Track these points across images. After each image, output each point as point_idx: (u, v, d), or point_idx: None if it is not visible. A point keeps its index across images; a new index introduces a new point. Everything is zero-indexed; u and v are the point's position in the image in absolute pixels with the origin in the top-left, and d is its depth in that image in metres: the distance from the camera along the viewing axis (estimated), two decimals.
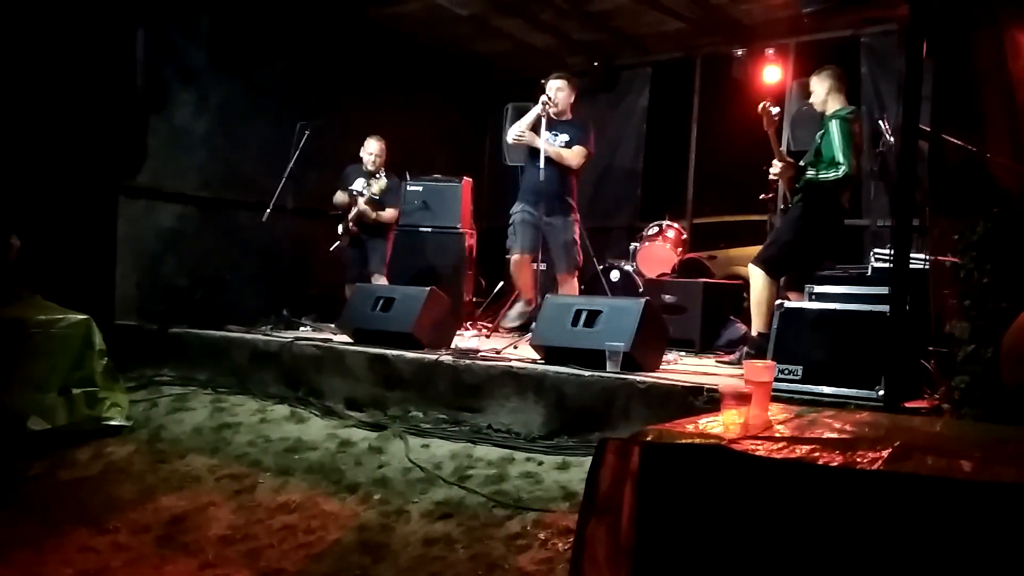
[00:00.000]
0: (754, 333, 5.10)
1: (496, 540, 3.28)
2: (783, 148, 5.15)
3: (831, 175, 4.89)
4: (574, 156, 5.87)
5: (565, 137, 5.91)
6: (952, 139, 3.59)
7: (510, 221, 6.14)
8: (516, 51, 8.67)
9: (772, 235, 5.20)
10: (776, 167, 5.19)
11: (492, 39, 8.45)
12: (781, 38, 7.54)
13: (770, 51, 7.36)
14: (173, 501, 4.02)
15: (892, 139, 5.21)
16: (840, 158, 4.87)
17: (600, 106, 8.97)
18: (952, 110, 3.61)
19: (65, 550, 3.62)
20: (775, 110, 5.13)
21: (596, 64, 8.73)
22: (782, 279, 5.19)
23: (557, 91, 5.93)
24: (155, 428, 4.95)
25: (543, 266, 6.14)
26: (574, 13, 7.69)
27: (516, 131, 5.97)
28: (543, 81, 6.08)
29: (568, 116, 6.04)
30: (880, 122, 5.58)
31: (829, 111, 5.11)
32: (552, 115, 5.90)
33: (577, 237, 5.98)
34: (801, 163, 5.16)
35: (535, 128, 5.90)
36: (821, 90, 5.17)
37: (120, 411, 5.04)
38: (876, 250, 5.04)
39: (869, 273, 4.64)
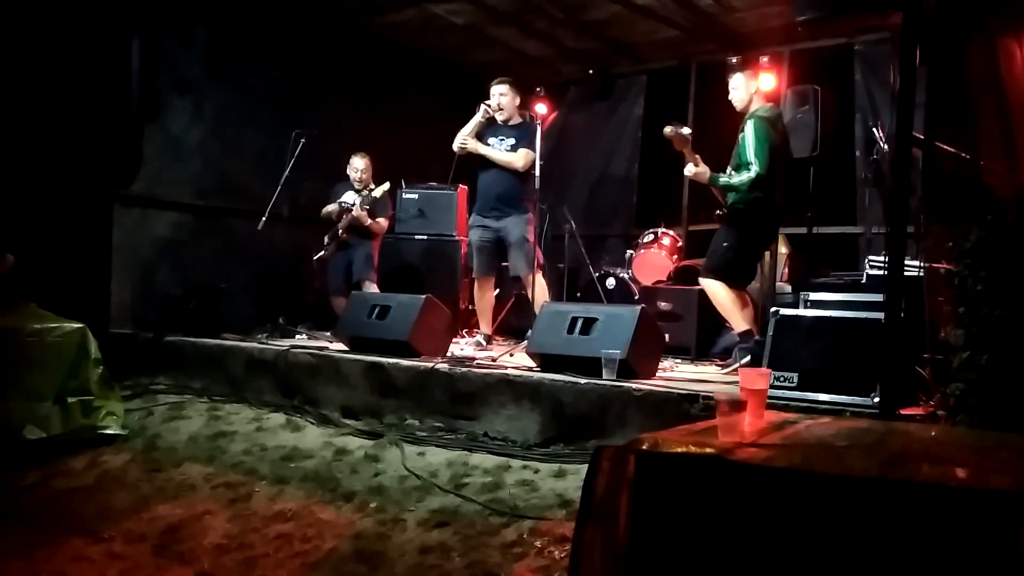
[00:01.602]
0: (737, 333, 5.16)
1: (492, 548, 3.28)
2: (697, 155, 5.26)
3: (744, 178, 5.00)
4: (518, 158, 5.88)
5: (511, 141, 5.97)
6: (945, 147, 3.60)
7: (468, 240, 6.20)
8: (511, 60, 8.67)
9: (713, 243, 5.29)
10: (689, 170, 5.20)
11: (487, 48, 8.46)
12: (775, 46, 7.56)
13: (764, 59, 7.38)
14: (168, 510, 4.01)
15: (886, 147, 5.22)
16: (751, 158, 4.98)
17: (595, 114, 9.00)
18: (945, 118, 3.63)
19: (59, 559, 3.61)
20: (686, 131, 5.21)
21: (591, 72, 8.75)
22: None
23: (500, 96, 5.99)
24: (151, 437, 4.94)
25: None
26: (568, 22, 7.71)
27: (459, 140, 6.00)
28: (538, 89, 6.10)
29: (516, 120, 6.08)
30: (874, 130, 5.59)
31: (750, 110, 5.21)
32: (499, 120, 5.99)
33: (531, 236, 5.92)
34: (728, 168, 5.21)
35: (480, 135, 5.99)
36: (744, 90, 5.25)
37: (115, 420, 5.03)
38: (871, 257, 5.05)
39: (864, 280, 4.64)
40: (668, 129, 5.16)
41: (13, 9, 5.99)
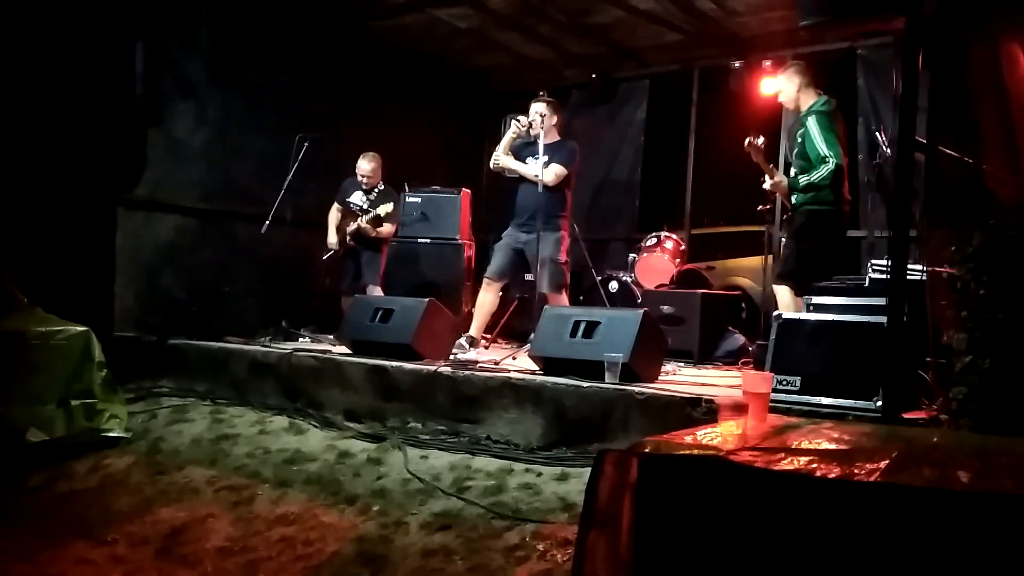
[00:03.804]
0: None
1: (495, 551, 3.28)
2: (772, 165, 5.20)
3: (824, 172, 4.91)
4: (547, 174, 5.76)
5: (545, 158, 5.82)
6: (948, 151, 3.60)
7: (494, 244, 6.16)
8: (514, 64, 8.70)
9: (787, 249, 5.22)
10: (769, 183, 5.23)
11: (490, 52, 8.48)
12: (778, 50, 7.56)
13: (767, 63, 7.39)
14: (171, 513, 4.01)
15: (889, 151, 5.22)
16: (825, 151, 4.90)
17: (598, 118, 9.00)
18: (948, 122, 3.63)
19: (63, 562, 3.61)
20: (760, 141, 5.17)
21: (594, 76, 8.76)
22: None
23: (538, 114, 5.87)
24: (154, 440, 4.95)
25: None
26: (572, 26, 7.72)
27: (493, 158, 5.98)
28: (540, 93, 6.08)
29: (552, 138, 5.95)
30: (877, 134, 5.60)
31: (804, 107, 5.14)
32: (532, 137, 5.89)
33: (562, 255, 5.88)
34: (792, 171, 5.19)
35: (517, 153, 5.93)
36: (791, 87, 5.18)
37: (119, 423, 5.04)
38: (873, 261, 5.05)
39: (867, 284, 4.64)
40: (748, 142, 5.15)
41: (17, 12, 6.01)
